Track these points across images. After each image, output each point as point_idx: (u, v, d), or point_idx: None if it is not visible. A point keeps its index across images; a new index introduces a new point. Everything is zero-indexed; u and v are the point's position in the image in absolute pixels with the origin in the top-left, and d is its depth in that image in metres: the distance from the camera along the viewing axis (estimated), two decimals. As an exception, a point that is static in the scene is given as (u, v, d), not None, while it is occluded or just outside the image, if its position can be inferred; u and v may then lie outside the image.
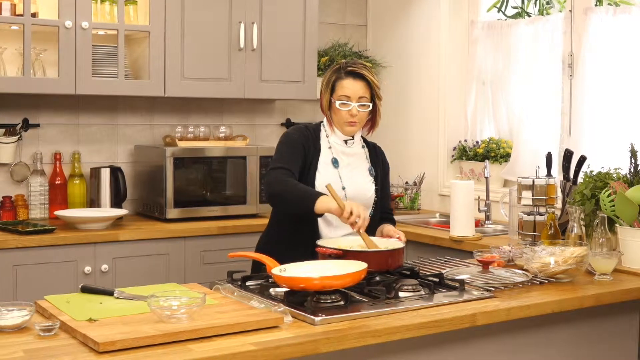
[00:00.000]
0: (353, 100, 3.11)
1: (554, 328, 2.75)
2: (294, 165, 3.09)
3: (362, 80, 3.13)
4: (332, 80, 3.16)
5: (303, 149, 3.13)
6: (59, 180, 4.47)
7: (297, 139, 3.15)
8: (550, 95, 4.44)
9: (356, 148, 3.26)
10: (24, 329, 2.20)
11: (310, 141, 3.17)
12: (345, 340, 2.19)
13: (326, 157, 3.18)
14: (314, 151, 3.16)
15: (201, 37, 4.50)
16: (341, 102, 3.12)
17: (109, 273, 4.01)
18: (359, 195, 3.16)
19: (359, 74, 3.13)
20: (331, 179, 3.10)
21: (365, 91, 3.13)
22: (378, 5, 5.54)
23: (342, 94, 3.12)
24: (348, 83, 3.12)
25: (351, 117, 3.12)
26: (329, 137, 3.21)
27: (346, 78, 3.13)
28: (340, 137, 3.20)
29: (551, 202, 3.56)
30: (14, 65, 4.27)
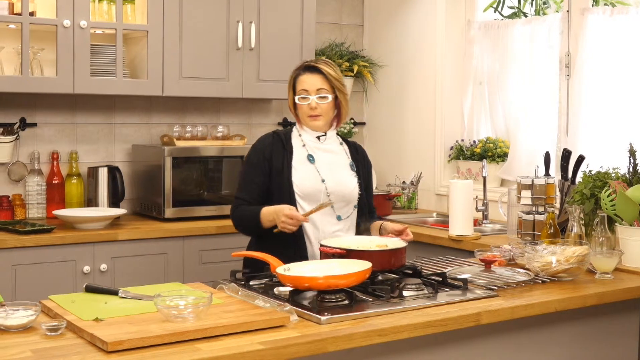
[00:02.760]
0: (311, 93, 3.16)
1: (557, 326, 2.76)
2: (252, 189, 3.17)
3: (319, 73, 3.18)
4: (293, 78, 3.23)
5: (264, 158, 3.17)
6: (57, 180, 4.46)
7: (257, 153, 3.21)
8: (547, 95, 4.46)
9: (332, 144, 3.28)
10: (30, 328, 2.20)
11: (277, 144, 3.20)
12: (352, 339, 2.20)
13: (300, 155, 3.20)
14: (285, 152, 3.19)
15: (199, 36, 4.50)
16: (300, 96, 3.18)
17: (108, 272, 4.00)
18: (340, 188, 3.18)
19: (315, 67, 3.19)
20: (309, 175, 3.15)
21: (323, 83, 3.17)
22: (374, 5, 5.55)
23: (301, 88, 3.19)
24: (305, 77, 3.19)
25: (311, 110, 3.17)
26: (301, 136, 3.24)
27: (304, 73, 3.21)
28: (312, 134, 3.23)
29: (550, 202, 3.58)
30: (12, 64, 4.26)
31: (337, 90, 3.20)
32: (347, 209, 3.21)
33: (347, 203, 3.21)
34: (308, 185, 3.14)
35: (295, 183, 3.14)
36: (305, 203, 3.13)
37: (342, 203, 3.19)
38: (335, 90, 3.19)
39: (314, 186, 3.14)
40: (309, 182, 3.14)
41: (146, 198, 4.54)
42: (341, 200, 3.19)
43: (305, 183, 3.14)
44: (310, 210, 3.02)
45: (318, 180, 3.15)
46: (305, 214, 3.00)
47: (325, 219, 3.15)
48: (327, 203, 3.04)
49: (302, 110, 3.20)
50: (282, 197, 3.12)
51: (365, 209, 3.29)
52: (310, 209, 3.06)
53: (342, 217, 3.19)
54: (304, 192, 3.13)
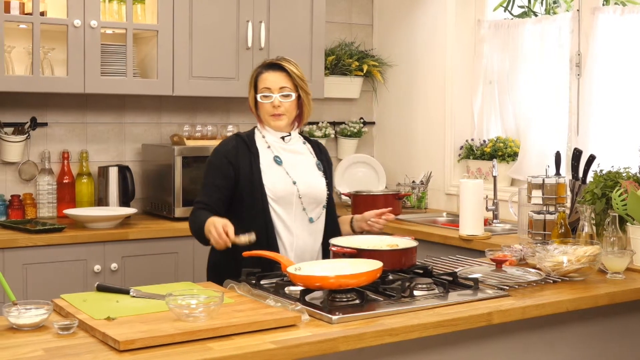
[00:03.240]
0: (274, 91, 3.09)
1: (568, 326, 2.75)
2: (211, 192, 3.07)
3: (282, 71, 3.12)
4: (254, 76, 3.16)
5: (228, 162, 3.08)
6: (67, 179, 4.47)
7: (219, 157, 3.10)
8: (557, 94, 4.45)
9: (296, 145, 3.21)
10: (42, 327, 2.21)
11: (242, 147, 3.11)
12: (363, 338, 2.20)
13: (267, 157, 3.12)
14: (250, 155, 3.10)
15: (209, 36, 4.50)
16: (263, 94, 3.10)
17: (119, 272, 4.01)
18: (312, 190, 3.13)
19: (278, 65, 3.13)
20: (279, 177, 3.08)
21: (287, 82, 3.10)
22: (384, 5, 5.55)
23: (263, 86, 3.11)
24: (268, 75, 3.11)
25: (274, 109, 3.09)
26: (265, 137, 3.16)
27: (266, 71, 3.13)
28: (276, 135, 3.16)
29: (561, 201, 3.57)
30: (22, 64, 4.27)
31: (300, 89, 3.13)
32: (317, 210, 3.15)
33: (317, 204, 3.15)
34: (280, 188, 3.07)
35: (267, 187, 3.06)
36: (278, 206, 3.07)
37: (313, 205, 3.13)
38: (299, 89, 3.13)
39: (286, 189, 3.08)
40: (281, 184, 3.07)
41: (156, 197, 4.55)
42: (313, 202, 3.13)
43: (277, 186, 3.06)
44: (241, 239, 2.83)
45: (289, 183, 3.08)
46: (236, 240, 2.83)
47: (298, 223, 3.10)
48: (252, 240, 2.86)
49: (264, 109, 3.11)
50: (255, 202, 3.05)
51: (333, 209, 3.25)
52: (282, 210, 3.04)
53: (313, 219, 3.13)
54: (276, 195, 3.06)
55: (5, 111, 4.37)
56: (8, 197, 4.35)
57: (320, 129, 5.27)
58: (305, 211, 3.11)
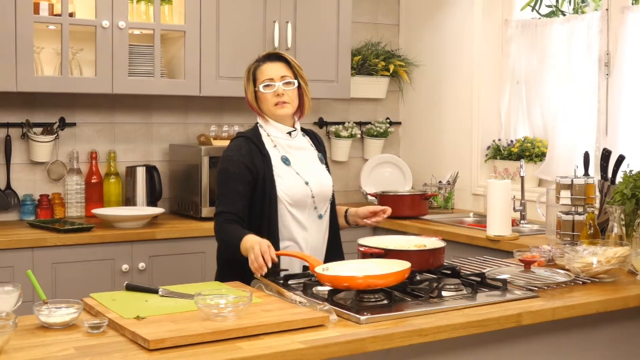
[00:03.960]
0: (276, 80, 3.05)
1: (597, 328, 2.73)
2: (236, 200, 2.98)
3: (281, 60, 3.11)
4: (252, 70, 3.12)
5: (247, 168, 3.01)
6: (95, 179, 4.51)
7: (236, 164, 3.01)
8: (585, 94, 4.41)
9: (301, 139, 3.17)
10: (72, 326, 2.22)
11: (255, 151, 3.05)
12: (391, 339, 2.20)
13: (276, 158, 3.07)
14: (264, 158, 3.04)
15: (236, 36, 4.51)
16: (264, 84, 3.06)
17: (146, 271, 4.03)
18: (322, 188, 3.11)
19: (276, 55, 3.13)
20: (293, 180, 3.04)
21: (287, 71, 3.09)
22: (410, 4, 5.53)
23: (264, 77, 3.07)
24: (267, 66, 3.09)
25: (278, 97, 3.05)
26: (270, 135, 3.11)
27: (264, 63, 3.11)
28: (282, 130, 3.10)
29: (590, 202, 3.54)
30: (51, 64, 4.31)
31: (300, 78, 3.11)
32: (325, 206, 3.15)
33: (326, 200, 3.14)
34: (297, 192, 3.04)
35: (285, 192, 3.03)
36: (295, 209, 3.05)
37: (323, 202, 3.12)
38: (298, 78, 3.11)
39: (302, 191, 3.05)
40: (297, 188, 3.04)
41: (183, 197, 4.57)
42: (322, 200, 3.12)
43: (294, 190, 3.03)
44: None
45: (302, 184, 3.06)
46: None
47: (310, 221, 3.09)
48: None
49: (267, 100, 3.06)
50: (271, 208, 3.00)
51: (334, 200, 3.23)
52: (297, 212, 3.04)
53: (322, 215, 3.13)
54: (294, 199, 3.03)
55: (34, 111, 4.41)
56: (37, 196, 4.39)
57: (346, 129, 5.27)
58: (317, 209, 3.11)
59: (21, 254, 3.76)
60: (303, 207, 3.07)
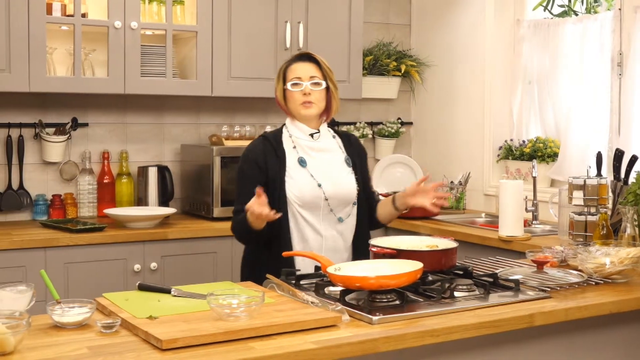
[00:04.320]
0: (304, 80, 3.07)
1: (610, 329, 2.72)
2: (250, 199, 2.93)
3: (311, 61, 3.12)
4: (283, 69, 3.14)
5: (259, 168, 3.06)
6: (107, 179, 4.52)
7: (250, 164, 3.09)
8: (598, 94, 4.40)
9: (325, 141, 3.17)
10: (85, 326, 2.23)
11: (269, 152, 3.08)
12: (404, 339, 2.19)
13: (292, 158, 3.09)
14: (278, 160, 3.07)
15: (248, 36, 4.52)
16: (292, 83, 3.08)
17: (158, 271, 4.04)
18: (338, 191, 3.09)
19: (307, 55, 3.15)
20: (304, 182, 3.05)
21: (316, 71, 3.10)
22: (422, 4, 5.53)
23: (293, 76, 3.09)
24: (298, 66, 3.11)
25: (305, 97, 3.06)
26: (292, 136, 3.12)
27: (295, 62, 3.13)
28: (305, 132, 3.12)
29: (603, 202, 3.52)
30: (64, 65, 4.32)
31: (329, 80, 3.12)
32: (347, 210, 3.13)
33: (347, 203, 3.12)
34: (307, 193, 3.04)
35: (294, 193, 3.05)
36: (305, 210, 3.06)
37: (342, 205, 3.11)
38: (327, 80, 3.12)
39: (312, 193, 3.05)
40: (307, 189, 3.04)
41: (195, 197, 4.58)
42: (341, 202, 3.10)
43: (304, 191, 3.04)
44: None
45: (314, 186, 3.05)
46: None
47: (326, 224, 3.08)
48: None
49: (294, 99, 3.08)
50: (281, 207, 3.01)
51: (364, 203, 3.20)
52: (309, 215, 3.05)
53: (343, 218, 3.12)
54: (303, 200, 3.04)
55: (47, 112, 4.43)
56: (49, 196, 4.41)
57: (357, 129, 5.26)
58: (333, 212, 3.09)
59: (34, 254, 3.78)
60: (315, 209, 3.06)
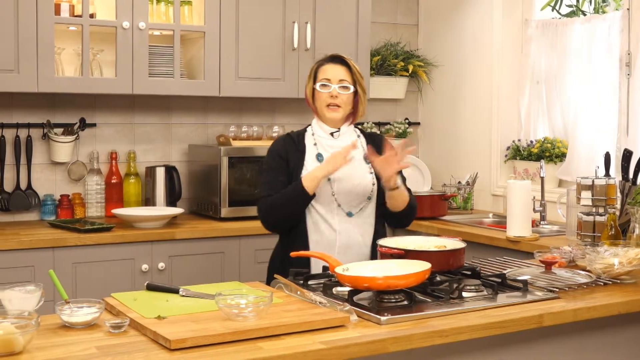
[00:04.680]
0: (333, 82, 3.13)
1: (619, 329, 2.72)
2: (278, 187, 3.09)
3: (343, 64, 3.17)
4: (315, 69, 3.21)
5: (282, 159, 3.15)
6: (115, 179, 4.53)
7: (273, 155, 3.18)
8: (606, 94, 4.39)
9: (346, 140, 3.19)
10: (94, 325, 2.24)
11: (290, 146, 3.17)
12: (412, 340, 2.19)
13: (311, 154, 3.16)
14: (298, 153, 3.15)
15: (255, 37, 4.52)
16: (322, 84, 3.14)
17: (166, 271, 4.05)
18: (350, 186, 3.11)
19: (339, 58, 3.19)
20: None
21: (346, 75, 3.15)
22: (429, 5, 5.52)
23: (323, 77, 3.15)
24: (329, 67, 3.16)
25: (331, 99, 3.12)
26: (314, 135, 3.20)
27: (327, 63, 3.18)
28: (327, 131, 3.19)
29: (611, 203, 3.52)
30: (72, 65, 4.33)
31: (358, 84, 3.17)
32: (358, 205, 3.15)
33: (361, 199, 3.14)
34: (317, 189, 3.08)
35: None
36: (318, 205, 3.10)
37: (355, 200, 3.13)
38: (357, 84, 3.17)
39: (323, 188, 3.08)
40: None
41: (202, 197, 4.58)
42: (353, 198, 3.13)
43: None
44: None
45: (324, 180, 3.08)
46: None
47: (339, 218, 3.11)
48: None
49: (321, 99, 3.15)
50: None
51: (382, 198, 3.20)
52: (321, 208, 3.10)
53: (352, 213, 3.14)
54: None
55: (55, 112, 4.43)
56: (57, 196, 4.42)
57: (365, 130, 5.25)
58: (342, 207, 3.12)
59: (42, 254, 3.78)
60: (326, 203, 3.11)
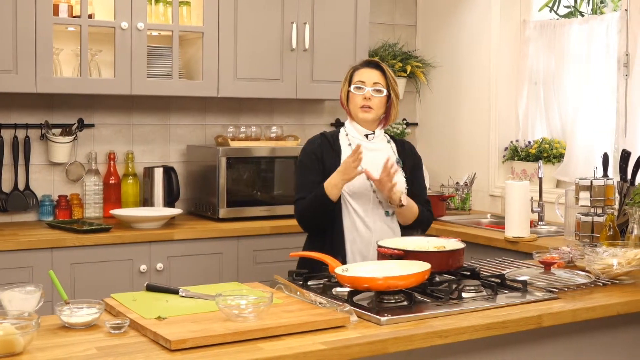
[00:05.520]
0: (368, 85, 3.20)
1: (618, 329, 2.72)
2: (312, 188, 3.17)
3: (378, 69, 3.24)
4: (351, 72, 3.29)
5: (317, 159, 3.23)
6: (113, 180, 4.52)
7: (308, 155, 3.25)
8: (604, 95, 4.40)
9: (379, 143, 3.29)
10: (94, 326, 2.24)
11: (326, 146, 3.25)
12: (412, 340, 2.20)
13: (346, 154, 3.19)
14: (334, 153, 3.23)
15: (254, 37, 4.52)
16: (356, 86, 3.21)
17: (164, 272, 4.04)
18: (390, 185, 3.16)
19: (375, 63, 3.27)
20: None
21: (380, 79, 3.22)
22: (428, 5, 5.53)
23: (358, 79, 3.23)
24: (364, 71, 3.24)
25: (365, 101, 3.20)
26: (348, 136, 3.27)
27: (363, 67, 3.26)
28: (361, 132, 3.26)
29: (609, 203, 3.52)
30: (70, 65, 4.32)
31: (391, 89, 3.24)
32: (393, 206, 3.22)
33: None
34: (356, 185, 3.15)
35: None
36: (354, 201, 3.18)
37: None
38: (390, 89, 3.23)
39: (362, 184, 3.17)
40: (357, 180, 3.14)
41: (201, 198, 4.58)
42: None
43: (354, 182, 3.14)
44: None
45: (364, 177, 3.15)
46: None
47: (374, 216, 3.20)
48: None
49: (355, 101, 3.22)
50: None
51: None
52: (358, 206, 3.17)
53: (390, 212, 3.23)
54: (352, 190, 3.17)
55: (53, 112, 4.43)
56: (55, 197, 4.42)
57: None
58: (382, 204, 3.20)
59: (40, 255, 3.78)
60: (364, 199, 3.18)
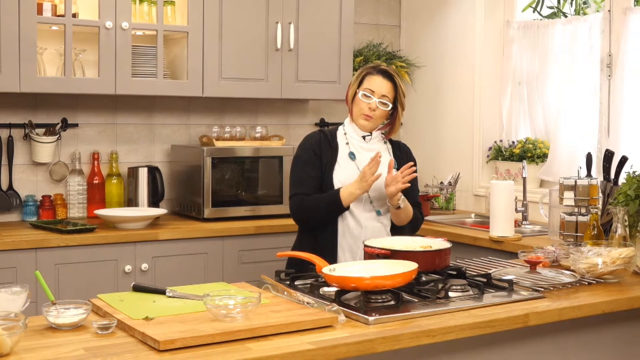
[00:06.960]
0: (376, 95, 3.22)
1: (603, 328, 2.74)
2: (310, 183, 3.21)
3: (390, 81, 3.25)
4: (363, 74, 3.28)
5: (315, 154, 3.24)
6: (97, 180, 4.50)
7: (308, 150, 3.26)
8: (587, 95, 4.42)
9: (376, 144, 3.31)
10: (81, 327, 2.23)
11: (324, 142, 3.27)
12: (400, 340, 2.20)
13: (344, 152, 3.26)
14: (331, 150, 3.26)
15: (238, 37, 4.52)
16: (364, 93, 3.21)
17: (149, 272, 4.03)
18: (380, 185, 3.19)
19: (389, 74, 3.26)
20: (350, 172, 3.21)
21: (389, 91, 3.23)
22: (412, 6, 5.54)
23: (368, 87, 3.23)
24: (376, 79, 3.24)
25: (369, 111, 3.22)
26: (347, 134, 3.29)
27: (376, 75, 3.25)
28: (359, 133, 3.28)
29: (593, 203, 3.55)
30: (54, 65, 4.30)
31: (399, 102, 3.26)
32: (387, 205, 3.25)
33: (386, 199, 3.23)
34: (349, 181, 3.18)
35: (340, 179, 3.20)
36: None
37: (382, 200, 3.24)
38: (397, 102, 3.25)
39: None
40: (351, 178, 3.18)
41: (185, 198, 4.57)
42: (382, 197, 3.23)
43: (348, 179, 3.18)
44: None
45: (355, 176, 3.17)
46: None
47: (366, 215, 3.22)
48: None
49: (360, 106, 3.23)
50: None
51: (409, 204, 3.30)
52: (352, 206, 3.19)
53: (381, 212, 3.25)
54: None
55: (36, 112, 4.41)
56: (39, 197, 4.39)
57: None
58: (373, 204, 3.22)
59: (24, 255, 3.76)
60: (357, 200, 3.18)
